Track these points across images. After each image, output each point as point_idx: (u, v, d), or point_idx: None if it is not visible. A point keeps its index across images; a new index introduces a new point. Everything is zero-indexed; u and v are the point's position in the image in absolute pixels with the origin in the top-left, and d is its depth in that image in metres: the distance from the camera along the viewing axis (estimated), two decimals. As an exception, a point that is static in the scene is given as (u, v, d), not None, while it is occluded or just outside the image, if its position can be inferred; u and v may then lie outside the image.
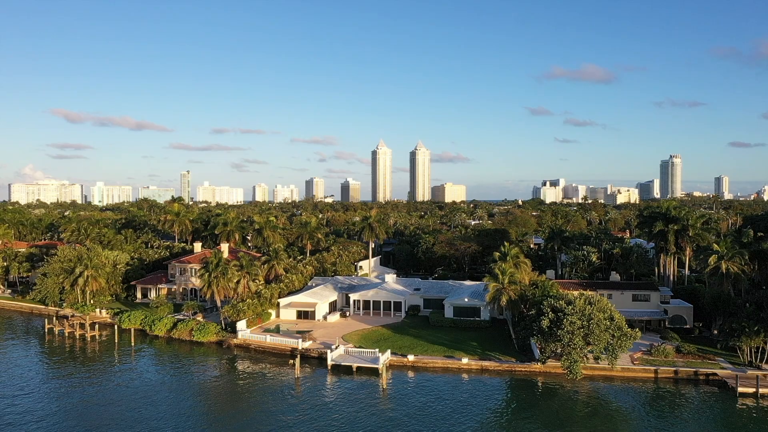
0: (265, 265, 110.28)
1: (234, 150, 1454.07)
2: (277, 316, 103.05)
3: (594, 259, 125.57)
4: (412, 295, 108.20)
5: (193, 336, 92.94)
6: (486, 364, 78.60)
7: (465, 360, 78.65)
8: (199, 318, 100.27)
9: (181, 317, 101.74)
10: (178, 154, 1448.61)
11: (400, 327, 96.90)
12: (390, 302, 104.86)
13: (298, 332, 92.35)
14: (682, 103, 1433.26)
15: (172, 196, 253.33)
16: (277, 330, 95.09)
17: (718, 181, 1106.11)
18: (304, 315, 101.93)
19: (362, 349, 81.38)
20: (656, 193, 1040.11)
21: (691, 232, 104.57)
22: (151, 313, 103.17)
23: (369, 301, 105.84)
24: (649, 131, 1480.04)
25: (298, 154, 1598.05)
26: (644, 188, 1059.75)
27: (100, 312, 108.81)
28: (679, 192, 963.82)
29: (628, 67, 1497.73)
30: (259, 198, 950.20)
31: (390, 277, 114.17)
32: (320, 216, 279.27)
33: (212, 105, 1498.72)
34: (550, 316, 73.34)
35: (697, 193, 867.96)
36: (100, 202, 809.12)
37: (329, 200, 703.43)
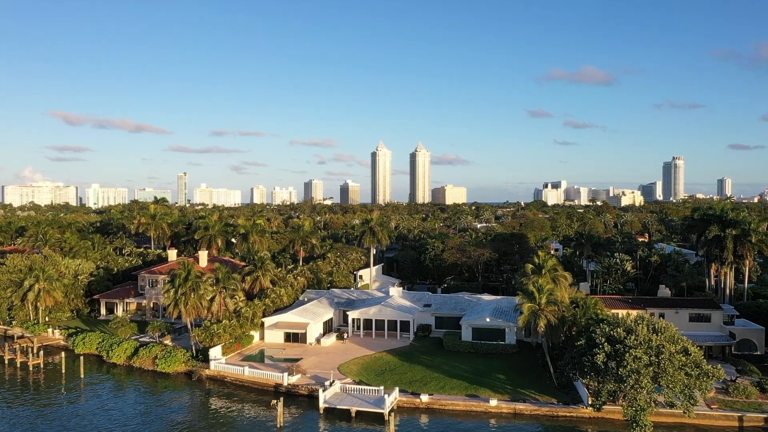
0: (248, 277, 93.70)
1: (233, 152, 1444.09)
2: (262, 338, 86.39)
3: (628, 269, 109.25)
4: (422, 312, 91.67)
5: (157, 365, 76.23)
6: (520, 406, 61.93)
7: (494, 402, 62.01)
8: (167, 341, 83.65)
9: (147, 340, 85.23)
10: (178, 156, 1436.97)
11: (409, 353, 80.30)
12: (396, 321, 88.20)
13: (286, 360, 75.83)
14: (682, 105, 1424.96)
15: (156, 197, 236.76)
16: (260, 357, 78.55)
17: (721, 183, 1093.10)
18: (294, 338, 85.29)
19: (363, 386, 64.83)
20: (659, 195, 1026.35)
21: (754, 238, 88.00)
22: (110, 335, 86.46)
23: (371, 320, 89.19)
24: (649, 133, 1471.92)
25: (297, 156, 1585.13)
26: (646, 190, 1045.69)
27: (53, 332, 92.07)
28: (681, 194, 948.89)
29: (627, 69, 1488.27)
30: (257, 200, 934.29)
31: (395, 291, 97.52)
32: (318, 219, 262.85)
33: (211, 107, 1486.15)
34: (606, 348, 56.82)
35: (699, 195, 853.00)
36: (95, 204, 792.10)
37: (328, 202, 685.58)
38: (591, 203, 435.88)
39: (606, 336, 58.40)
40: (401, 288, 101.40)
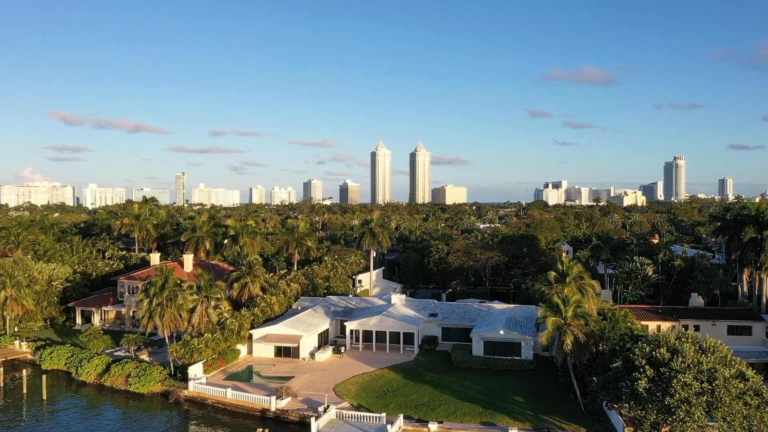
0: (236, 284, 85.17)
1: (233, 152, 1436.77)
2: (250, 352, 77.79)
3: (650, 273, 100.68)
4: (427, 322, 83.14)
5: (130, 384, 67.63)
6: (544, 437, 53.45)
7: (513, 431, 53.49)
8: (144, 356, 75.07)
9: (122, 354, 76.72)
10: (177, 156, 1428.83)
11: (414, 370, 71.73)
12: (399, 333, 79.60)
13: (275, 379, 67.35)
14: (682, 106, 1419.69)
15: (145, 197, 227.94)
16: (247, 375, 70.05)
17: (722, 183, 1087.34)
18: (285, 352, 76.67)
19: (362, 413, 56.29)
20: (660, 195, 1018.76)
21: (795, 241, 79.54)
22: (80, 348, 77.82)
23: (371, 331, 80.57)
24: (649, 134, 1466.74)
25: (297, 156, 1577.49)
26: (647, 190, 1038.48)
27: (20, 345, 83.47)
28: (683, 194, 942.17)
29: (627, 70, 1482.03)
30: (256, 200, 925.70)
31: (398, 298, 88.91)
32: (316, 219, 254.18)
33: (211, 107, 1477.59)
34: (648, 372, 48.23)
35: (701, 195, 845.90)
36: (92, 204, 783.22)
37: (327, 202, 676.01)
38: (595, 203, 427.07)
39: (646, 357, 49.84)
40: (404, 295, 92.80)
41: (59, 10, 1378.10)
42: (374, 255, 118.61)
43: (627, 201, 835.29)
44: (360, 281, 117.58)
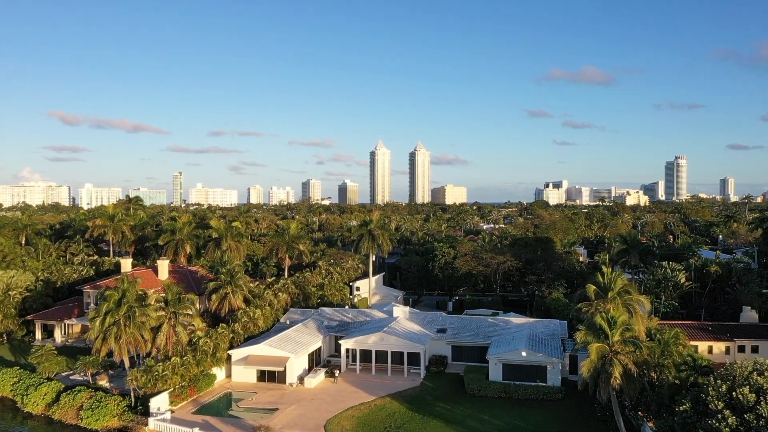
0: (215, 295, 74.04)
1: (232, 152, 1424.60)
2: (228, 375, 66.61)
3: (682, 281, 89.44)
4: (435, 340, 72.06)
5: (81, 418, 56.46)
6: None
7: (550, 490, 42.38)
8: (103, 382, 63.91)
9: (80, 378, 65.61)
10: (176, 156, 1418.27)
11: (420, 398, 60.62)
12: (402, 353, 68.45)
13: (255, 411, 56.34)
14: (681, 106, 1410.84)
15: (128, 196, 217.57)
16: (224, 405, 59.00)
17: (724, 182, 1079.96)
18: (269, 376, 65.51)
19: (359, 462, 45.23)
20: (661, 195, 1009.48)
21: None
22: (29, 372, 66.56)
23: (370, 351, 69.42)
24: (649, 134, 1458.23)
25: (296, 156, 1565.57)
26: (648, 190, 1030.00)
27: (-36, 367, 72.20)
28: (684, 194, 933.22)
29: (627, 69, 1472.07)
30: (254, 200, 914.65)
31: (401, 311, 77.73)
32: (313, 219, 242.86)
33: (209, 107, 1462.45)
34: (730, 420, 37.21)
35: (702, 195, 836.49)
36: (88, 204, 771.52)
37: (326, 202, 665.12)
38: (600, 203, 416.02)
39: (724, 399, 38.83)
40: (408, 307, 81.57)
41: (58, 10, 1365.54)
42: (373, 259, 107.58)
43: (629, 201, 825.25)
44: (358, 288, 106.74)
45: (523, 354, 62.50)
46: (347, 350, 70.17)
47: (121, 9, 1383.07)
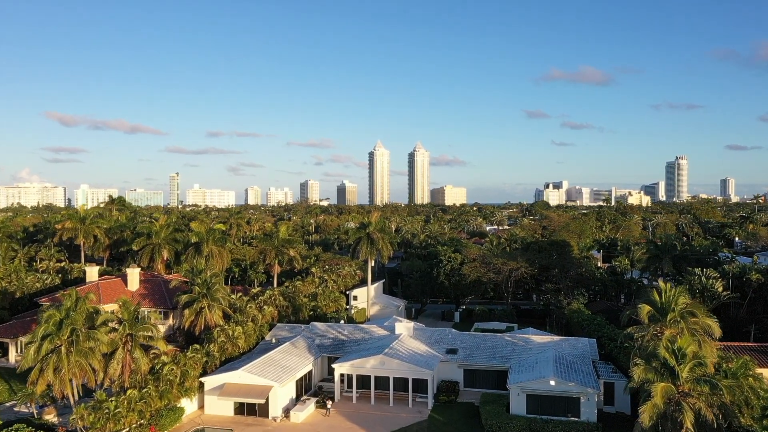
0: (188, 310, 63.73)
1: (230, 153, 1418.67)
2: (201, 407, 56.34)
3: (720, 290, 79.29)
4: (445, 362, 61.80)
5: (15, 467, 46.13)
6: None
7: None
8: (50, 416, 53.47)
9: (24, 411, 55.24)
10: (174, 157, 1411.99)
11: (429, 438, 50.42)
12: (406, 379, 58.17)
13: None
14: (680, 106, 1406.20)
15: (112, 197, 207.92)
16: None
17: (724, 183, 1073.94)
18: (249, 409, 55.16)
19: None
20: (662, 195, 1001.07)
21: None
22: (-36, 404, 56.21)
23: (368, 376, 59.15)
24: (647, 134, 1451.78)
25: (294, 157, 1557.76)
26: (649, 190, 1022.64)
27: None
28: (685, 194, 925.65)
29: (625, 70, 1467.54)
30: (252, 201, 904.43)
31: (404, 327, 67.37)
32: (310, 221, 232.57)
33: (207, 108, 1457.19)
34: None
35: (703, 195, 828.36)
36: (83, 205, 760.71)
37: (325, 203, 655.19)
38: (604, 203, 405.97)
39: None
40: (411, 323, 71.17)
41: (56, 11, 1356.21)
42: (372, 265, 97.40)
43: (631, 201, 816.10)
44: (355, 297, 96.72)
45: (552, 383, 52.26)
46: (342, 376, 59.91)
47: (119, 10, 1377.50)
